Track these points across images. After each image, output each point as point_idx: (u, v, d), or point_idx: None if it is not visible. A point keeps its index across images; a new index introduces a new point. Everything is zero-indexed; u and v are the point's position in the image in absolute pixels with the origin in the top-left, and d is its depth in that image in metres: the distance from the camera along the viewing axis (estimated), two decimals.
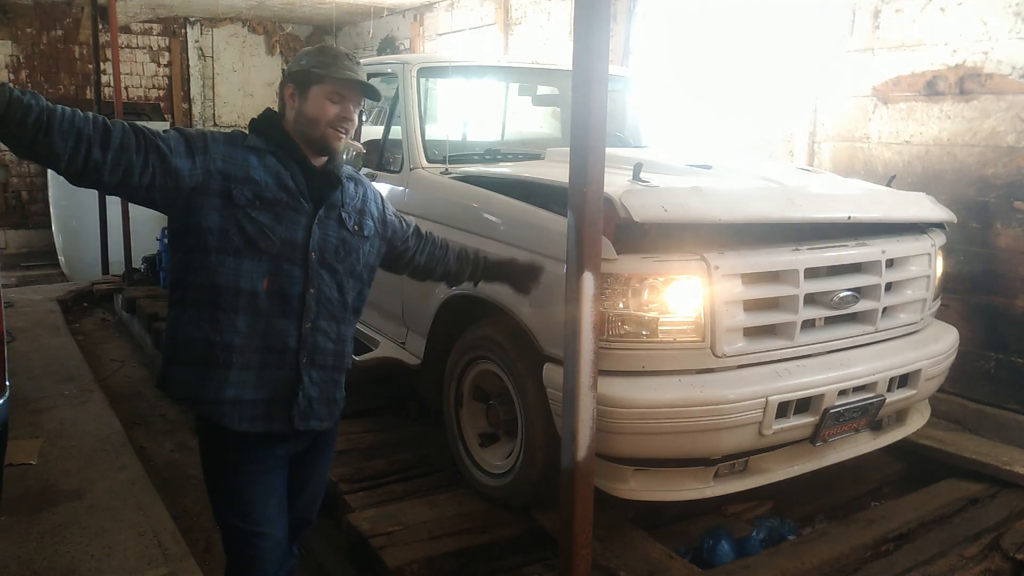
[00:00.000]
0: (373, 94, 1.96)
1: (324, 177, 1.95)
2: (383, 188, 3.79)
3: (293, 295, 1.87)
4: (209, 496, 2.02)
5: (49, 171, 6.91)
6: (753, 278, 2.61)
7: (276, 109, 1.99)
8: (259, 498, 1.93)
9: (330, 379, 1.99)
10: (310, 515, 2.19)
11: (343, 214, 1.97)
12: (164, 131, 1.79)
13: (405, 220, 2.25)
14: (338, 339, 1.99)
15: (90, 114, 1.64)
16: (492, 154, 3.98)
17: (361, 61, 2.01)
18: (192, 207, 1.79)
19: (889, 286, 2.92)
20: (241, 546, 1.97)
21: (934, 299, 3.16)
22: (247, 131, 1.96)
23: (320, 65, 1.89)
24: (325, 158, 1.96)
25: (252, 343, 1.84)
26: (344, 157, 3.55)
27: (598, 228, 1.89)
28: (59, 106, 1.60)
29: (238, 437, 1.88)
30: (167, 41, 11.16)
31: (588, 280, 1.88)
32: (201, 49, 11.40)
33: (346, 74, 1.89)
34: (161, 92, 11.21)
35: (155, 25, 11.03)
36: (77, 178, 1.65)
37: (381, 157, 3.86)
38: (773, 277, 2.66)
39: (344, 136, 1.93)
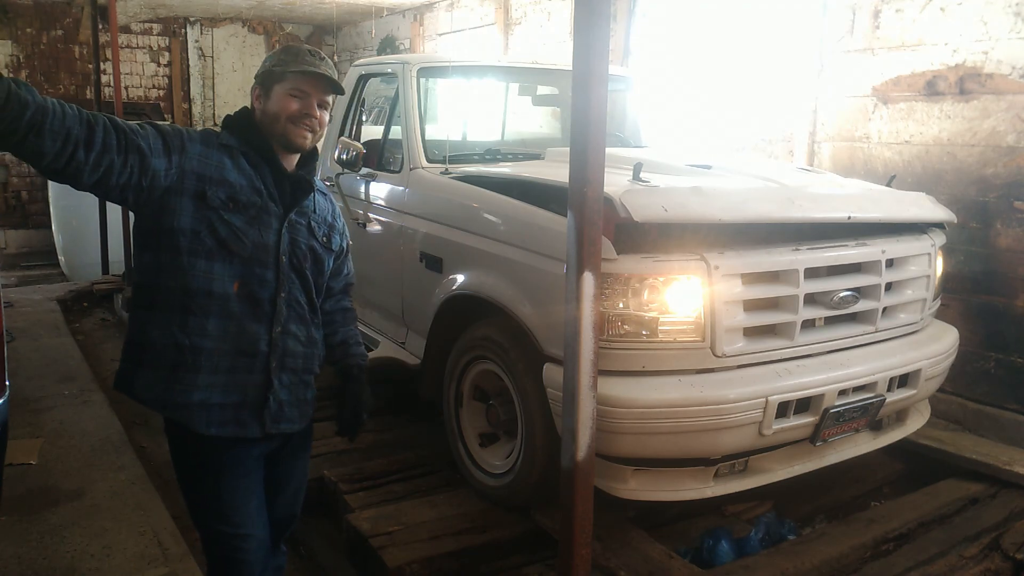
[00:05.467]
0: (336, 87, 1.92)
1: (296, 182, 1.94)
2: (383, 188, 3.79)
3: (264, 299, 1.86)
4: (186, 500, 2.00)
5: None
6: (753, 278, 2.61)
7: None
8: (239, 500, 1.92)
9: (300, 380, 1.98)
10: (294, 510, 2.17)
11: (313, 223, 1.97)
12: (140, 127, 1.74)
13: (349, 263, 2.19)
14: (307, 342, 1.98)
15: (74, 110, 1.60)
16: (492, 154, 3.98)
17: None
18: (165, 207, 1.76)
19: (889, 286, 2.92)
20: (225, 550, 1.95)
21: (934, 299, 3.16)
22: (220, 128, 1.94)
23: (280, 63, 1.88)
24: (296, 158, 1.94)
25: (222, 347, 1.82)
26: (344, 157, 3.60)
27: (598, 228, 1.89)
28: (49, 101, 1.55)
29: (211, 441, 1.86)
30: (167, 41, 11.18)
31: (588, 280, 1.88)
32: (201, 49, 11.41)
33: (304, 67, 1.87)
34: (161, 92, 11.22)
35: (155, 25, 11.04)
36: (55, 175, 1.62)
37: (381, 157, 3.86)
38: (773, 277, 2.66)
39: (310, 134, 1.90)
